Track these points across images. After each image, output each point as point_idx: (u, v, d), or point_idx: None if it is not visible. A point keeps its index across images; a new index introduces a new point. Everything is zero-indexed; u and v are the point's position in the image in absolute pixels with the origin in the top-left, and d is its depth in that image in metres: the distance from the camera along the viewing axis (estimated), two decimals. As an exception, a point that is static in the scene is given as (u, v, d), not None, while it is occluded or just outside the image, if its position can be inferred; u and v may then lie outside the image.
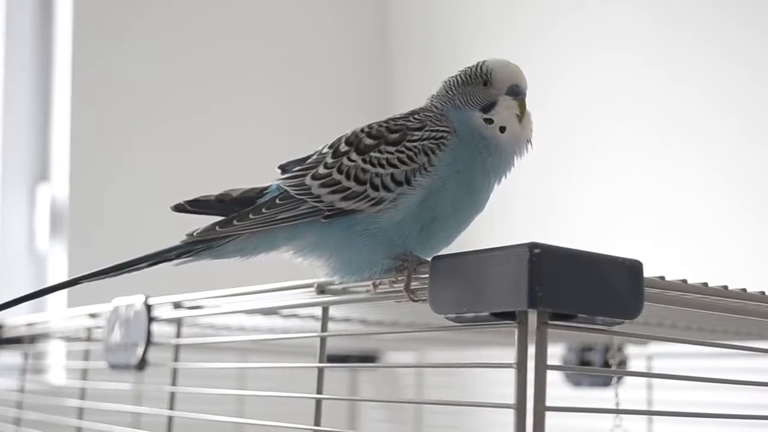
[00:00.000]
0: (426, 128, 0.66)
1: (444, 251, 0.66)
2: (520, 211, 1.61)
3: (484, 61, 0.69)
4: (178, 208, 0.71)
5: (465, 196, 0.65)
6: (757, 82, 1.33)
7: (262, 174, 0.76)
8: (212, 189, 0.72)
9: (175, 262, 0.72)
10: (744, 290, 0.64)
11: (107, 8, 1.68)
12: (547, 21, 1.66)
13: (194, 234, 0.70)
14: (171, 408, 0.83)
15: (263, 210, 0.67)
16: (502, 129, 0.67)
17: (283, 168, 0.72)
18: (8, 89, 1.67)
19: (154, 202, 1.63)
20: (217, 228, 0.68)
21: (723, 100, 1.37)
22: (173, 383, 0.84)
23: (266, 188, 0.71)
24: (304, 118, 1.85)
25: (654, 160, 1.46)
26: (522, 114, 0.67)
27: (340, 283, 0.67)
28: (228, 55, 1.80)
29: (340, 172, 0.66)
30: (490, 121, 0.67)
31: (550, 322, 0.49)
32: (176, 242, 0.71)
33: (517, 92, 0.68)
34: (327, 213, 0.65)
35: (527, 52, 1.64)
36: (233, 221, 0.67)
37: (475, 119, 0.67)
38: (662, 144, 1.45)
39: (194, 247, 0.70)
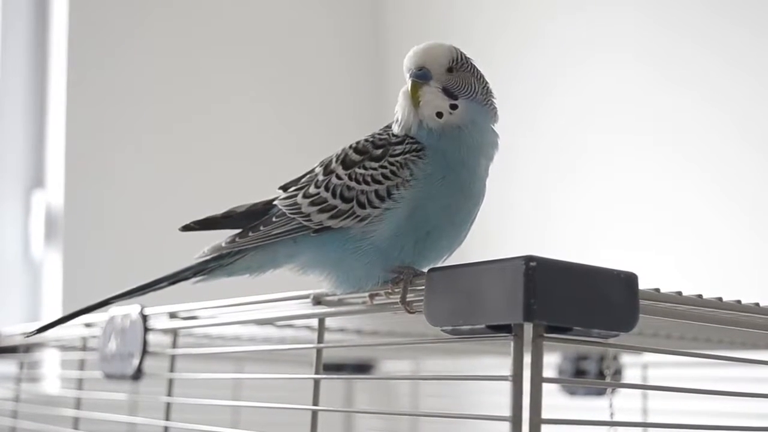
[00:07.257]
0: (406, 141, 0.66)
1: (446, 259, 0.67)
2: (516, 221, 1.61)
3: None
4: (187, 228, 0.75)
5: (458, 196, 0.65)
6: (756, 86, 1.33)
7: (257, 177, 0.76)
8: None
9: (192, 280, 0.76)
10: (738, 302, 0.64)
11: (103, 15, 1.68)
12: (540, 23, 1.66)
13: (205, 252, 0.74)
14: (167, 418, 0.82)
15: (261, 228, 0.70)
16: (439, 114, 0.65)
17: (284, 188, 0.74)
18: (3, 96, 1.67)
19: (149, 208, 1.64)
20: (223, 245, 0.72)
21: (721, 107, 1.37)
22: (169, 393, 0.84)
23: (272, 201, 0.73)
24: (299, 120, 1.85)
25: (651, 167, 1.46)
26: (414, 94, 0.66)
27: (338, 296, 0.68)
28: (223, 60, 1.80)
29: (327, 189, 0.67)
30: (440, 115, 0.66)
31: (545, 334, 0.49)
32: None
33: (409, 74, 0.67)
34: (315, 229, 0.67)
35: (521, 56, 1.64)
36: (236, 238, 0.71)
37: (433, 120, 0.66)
38: (660, 152, 1.45)
39: (207, 265, 0.74)
